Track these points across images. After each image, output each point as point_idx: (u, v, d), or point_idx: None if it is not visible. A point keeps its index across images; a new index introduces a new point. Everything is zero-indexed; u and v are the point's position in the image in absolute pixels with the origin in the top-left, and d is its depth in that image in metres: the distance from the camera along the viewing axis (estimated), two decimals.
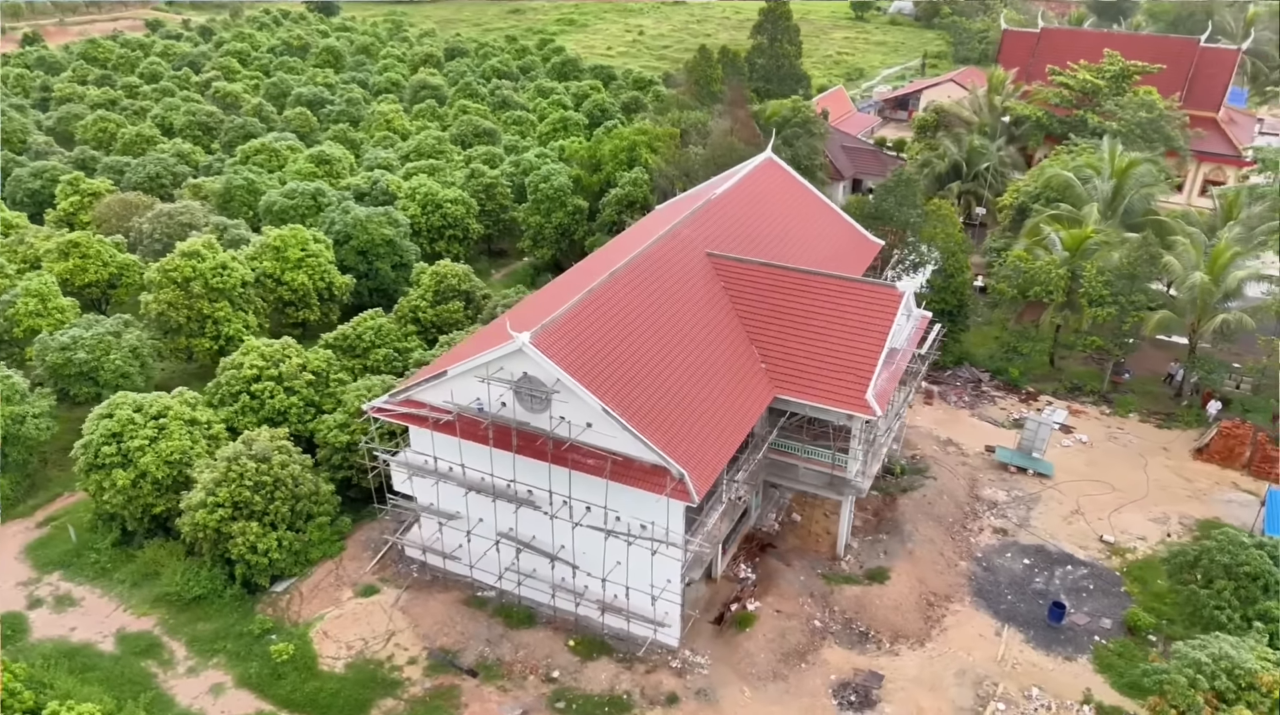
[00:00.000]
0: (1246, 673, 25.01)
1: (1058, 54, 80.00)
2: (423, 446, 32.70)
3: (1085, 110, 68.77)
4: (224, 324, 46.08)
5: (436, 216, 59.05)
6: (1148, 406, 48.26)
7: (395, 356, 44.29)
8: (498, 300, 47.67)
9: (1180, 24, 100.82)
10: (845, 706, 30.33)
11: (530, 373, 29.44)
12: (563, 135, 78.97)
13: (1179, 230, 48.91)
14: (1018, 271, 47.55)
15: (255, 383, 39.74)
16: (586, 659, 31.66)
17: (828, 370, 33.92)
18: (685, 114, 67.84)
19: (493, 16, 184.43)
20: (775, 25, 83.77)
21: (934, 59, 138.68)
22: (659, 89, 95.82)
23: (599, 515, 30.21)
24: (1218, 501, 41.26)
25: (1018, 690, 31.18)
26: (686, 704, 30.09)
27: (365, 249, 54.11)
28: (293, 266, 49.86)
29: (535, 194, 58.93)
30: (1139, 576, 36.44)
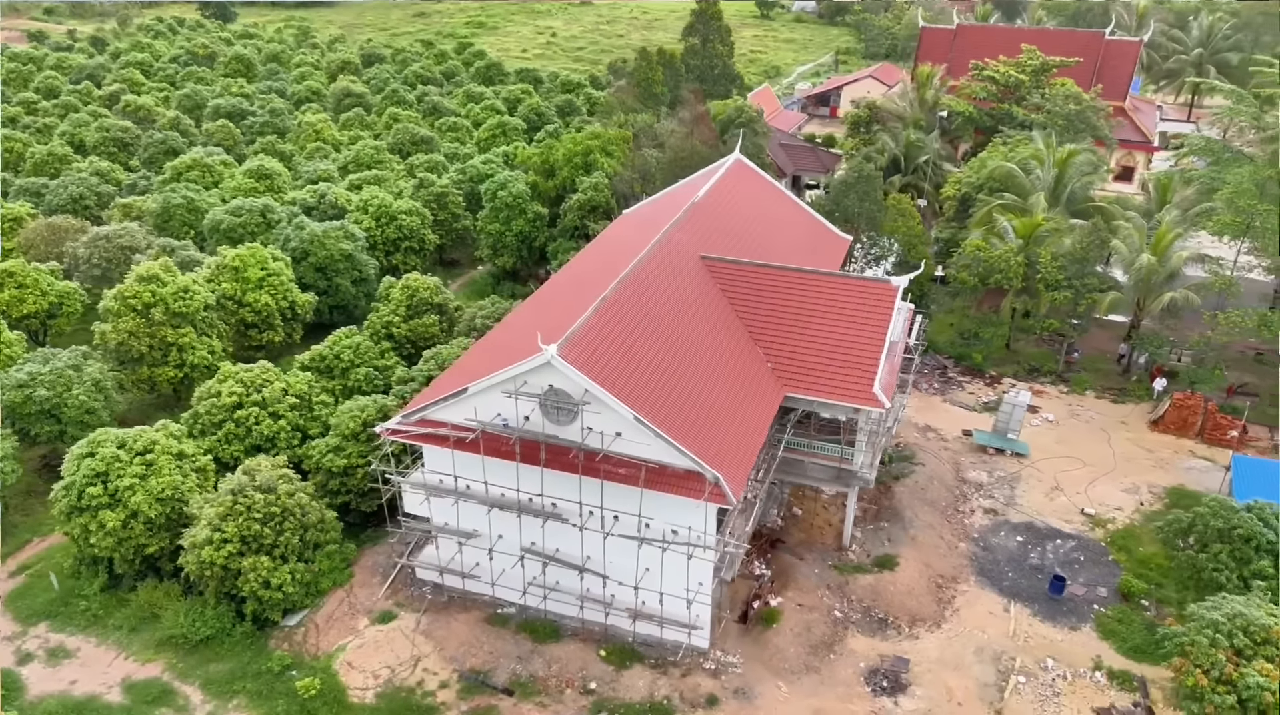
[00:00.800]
0: (1261, 629, 26.84)
1: (974, 49, 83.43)
2: (440, 466, 32.07)
3: (1010, 103, 71.91)
4: (189, 351, 44.12)
5: (392, 228, 57.78)
6: (1101, 383, 50.91)
7: (376, 375, 43.24)
8: (474, 312, 47.00)
9: (1080, 18, 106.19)
10: (879, 692, 31.18)
11: (556, 386, 29.25)
12: (502, 141, 78.23)
13: (1120, 215, 51.75)
14: (977, 261, 49.48)
15: (238, 410, 38.25)
16: (620, 668, 31.66)
17: (833, 366, 34.73)
18: (632, 117, 68.12)
19: (398, 21, 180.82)
20: (707, 26, 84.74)
21: (844, 55, 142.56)
22: (590, 92, 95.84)
23: (630, 523, 30.25)
24: (1180, 469, 43.90)
25: (1033, 662, 32.61)
26: (727, 704, 30.42)
27: (324, 265, 52.60)
28: (254, 287, 48.10)
29: (493, 202, 58.26)
30: (1123, 545, 38.53)
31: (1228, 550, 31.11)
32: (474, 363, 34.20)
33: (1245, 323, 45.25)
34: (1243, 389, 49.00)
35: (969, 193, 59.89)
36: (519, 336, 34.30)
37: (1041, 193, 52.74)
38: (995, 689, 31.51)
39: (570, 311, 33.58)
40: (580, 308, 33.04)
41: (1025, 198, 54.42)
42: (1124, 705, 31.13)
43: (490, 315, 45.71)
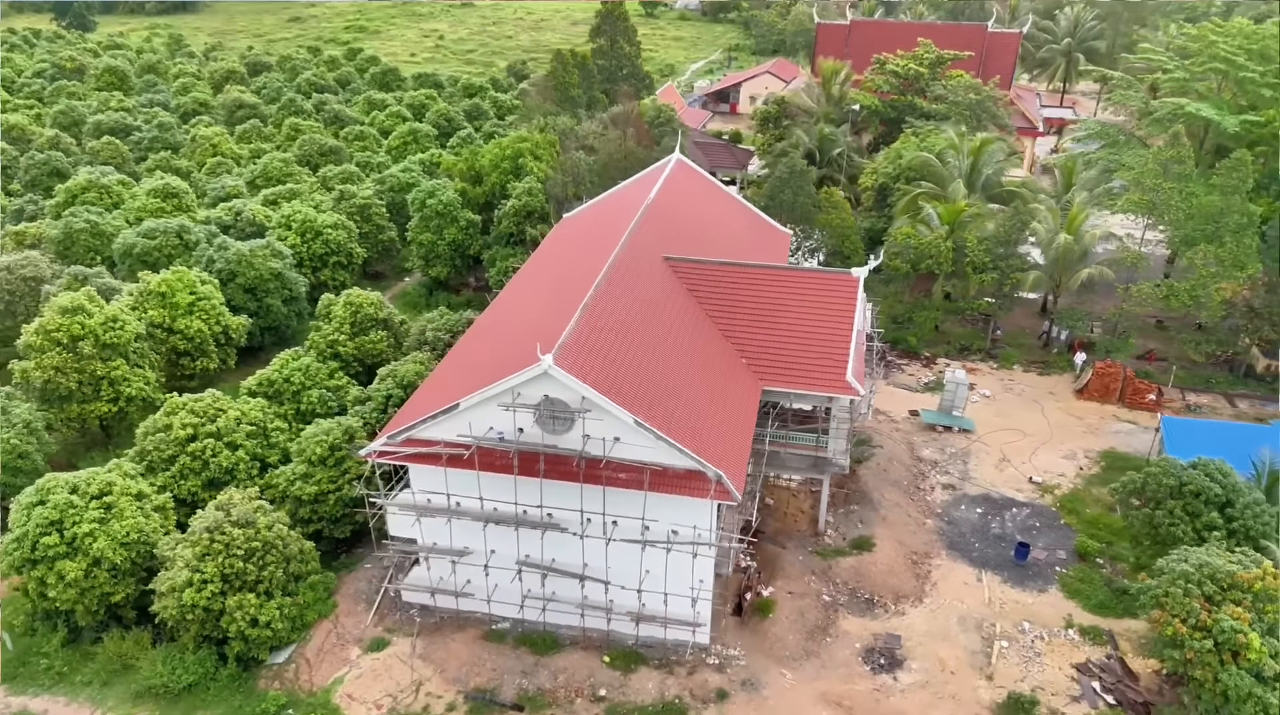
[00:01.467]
0: (1226, 576, 29.07)
1: (868, 44, 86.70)
2: (430, 485, 31.37)
3: (911, 95, 75.01)
4: (122, 384, 41.61)
5: (318, 244, 55.87)
6: (1026, 358, 53.86)
7: (329, 397, 41.88)
8: (423, 325, 45.97)
9: (958, 13, 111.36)
10: (878, 670, 32.28)
11: (552, 395, 29.06)
12: (415, 148, 76.59)
13: (1032, 199, 54.77)
14: (909, 248, 51.51)
15: (191, 443, 36.41)
16: (627, 672, 31.74)
17: (805, 358, 35.67)
18: (552, 120, 67.82)
19: (271, 26, 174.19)
20: (614, 26, 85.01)
21: (734, 52, 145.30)
22: (495, 95, 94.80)
23: (632, 527, 30.35)
24: (1108, 433, 46.93)
25: (1012, 626, 34.36)
26: (737, 697, 30.92)
27: (253, 286, 50.47)
28: (184, 312, 45.75)
29: (422, 211, 57.04)
30: (1072, 509, 40.99)
31: (1180, 506, 33.49)
32: (451, 378, 33.59)
33: (1155, 294, 48.65)
34: (1148, 355, 52.70)
35: (886, 183, 62.23)
36: (496, 348, 33.96)
37: (960, 180, 55.26)
38: (982, 655, 33.07)
39: (546, 320, 33.42)
40: (555, 315, 32.95)
41: (943, 185, 56.93)
42: (1098, 658, 33.20)
43: (442, 328, 44.84)
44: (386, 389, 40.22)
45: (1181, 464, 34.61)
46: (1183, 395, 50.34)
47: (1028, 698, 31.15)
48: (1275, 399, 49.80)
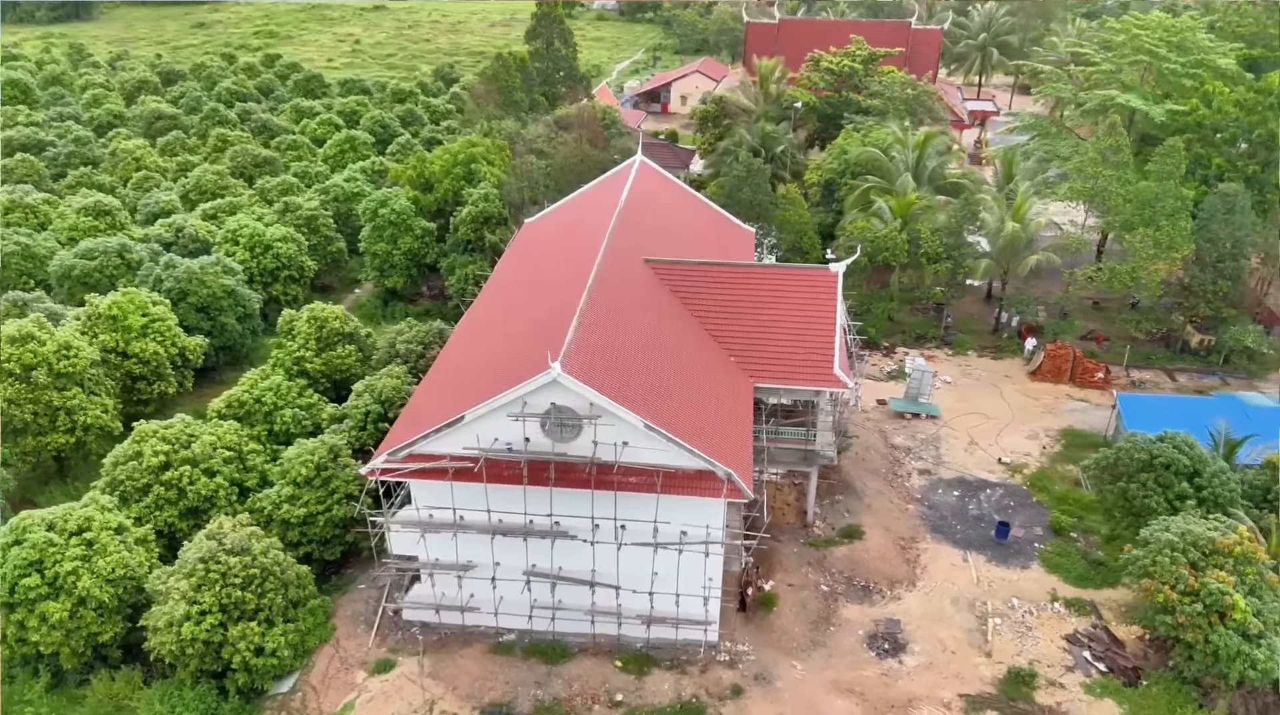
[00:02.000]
0: (1207, 542, 30.75)
1: (797, 42, 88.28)
2: (435, 500, 30.82)
3: (846, 92, 76.70)
4: (79, 414, 39.66)
5: (268, 258, 54.18)
6: (979, 343, 55.73)
7: (303, 416, 40.74)
8: (392, 337, 45.08)
9: (878, 10, 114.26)
10: (883, 655, 33.08)
11: (559, 403, 28.92)
12: (352, 157, 74.87)
13: (976, 190, 56.70)
14: (865, 240, 52.74)
15: (165, 471, 35.01)
16: (640, 675, 31.79)
17: (792, 353, 36.28)
18: (497, 124, 67.19)
19: (175, 33, 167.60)
20: (551, 28, 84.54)
21: (658, 52, 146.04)
22: (428, 101, 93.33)
23: (642, 531, 30.41)
24: (1064, 412, 48.96)
25: (1002, 604, 35.62)
26: (751, 692, 31.29)
27: (206, 305, 48.69)
28: (138, 335, 43.85)
29: (374, 220, 55.83)
30: (1041, 487, 42.66)
31: (1152, 478, 35.22)
32: (447, 390, 33.06)
33: (1100, 277, 50.96)
34: (1091, 335, 55.16)
35: (833, 178, 63.54)
36: (492, 357, 33.56)
37: (908, 174, 56.84)
38: (979, 633, 34.19)
39: (539, 327, 33.24)
40: (549, 322, 32.81)
41: (891, 179, 58.44)
42: (1085, 628, 34.67)
43: (413, 340, 44.05)
44: (365, 405, 39.33)
45: (1150, 438, 36.39)
46: (1127, 372, 52.81)
47: (1026, 671, 32.34)
48: (1212, 371, 52.69)
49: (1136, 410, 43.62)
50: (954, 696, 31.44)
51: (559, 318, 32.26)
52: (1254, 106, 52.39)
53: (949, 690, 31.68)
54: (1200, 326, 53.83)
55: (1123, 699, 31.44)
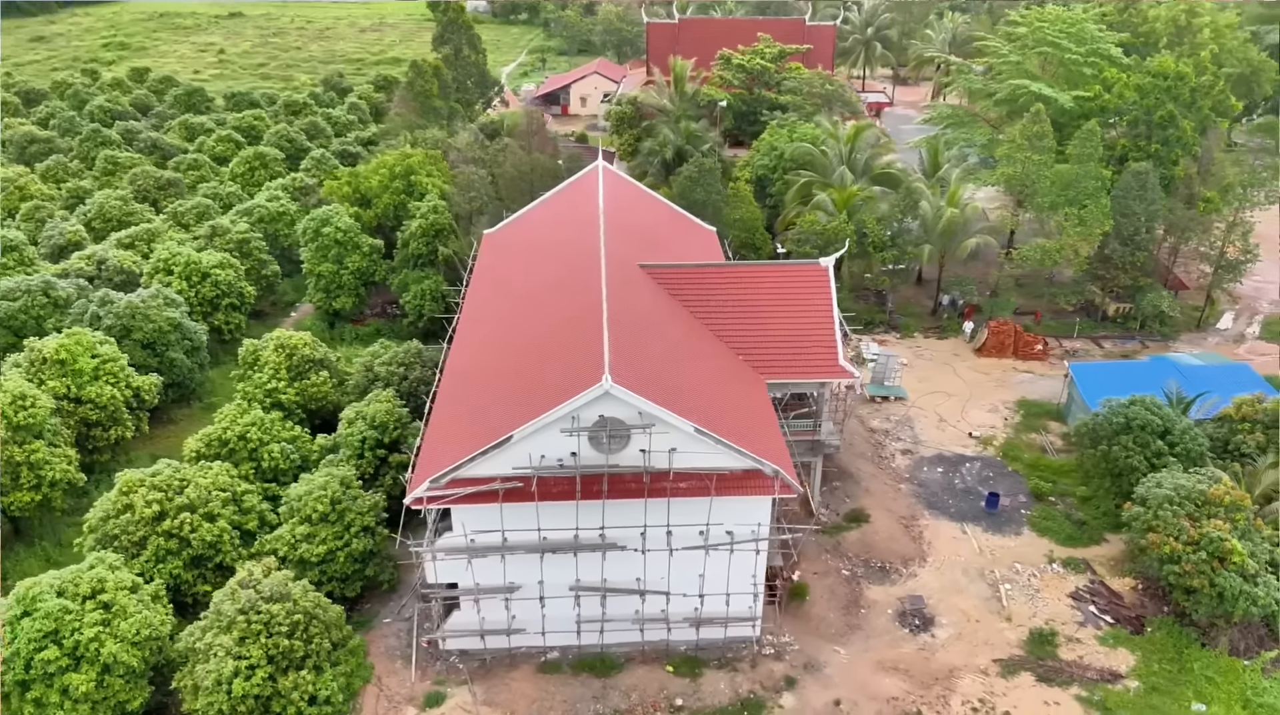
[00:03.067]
0: (1200, 494, 33.55)
1: (698, 42, 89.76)
2: (482, 523, 30.10)
3: (759, 89, 78.65)
4: (43, 468, 36.53)
5: (207, 287, 51.15)
6: (922, 326, 58.45)
7: (290, 450, 38.88)
8: (368, 361, 43.48)
9: (764, 8, 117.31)
10: (915, 631, 34.49)
11: (608, 414, 28.80)
12: (262, 174, 71.39)
13: (907, 179, 59.35)
14: (815, 233, 54.43)
15: (162, 521, 32.80)
16: (694, 678, 32.04)
17: (796, 348, 37.22)
18: (421, 134, 65.54)
19: (12, 48, 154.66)
20: (460, 34, 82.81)
21: (543, 54, 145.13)
22: (327, 112, 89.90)
23: (687, 535, 30.64)
24: (1015, 384, 52.03)
25: (1008, 570, 37.71)
26: (804, 681, 32.07)
27: (152, 340, 45.61)
28: (89, 379, 40.72)
29: (316, 240, 53.57)
30: (1013, 456, 45.26)
31: (1131, 439, 38.07)
32: (473, 411, 32.24)
33: (1033, 255, 54.34)
34: (1027, 311, 58.79)
35: (765, 174, 65.10)
36: (520, 374, 32.89)
37: (845, 167, 58.93)
38: (995, 600, 36.11)
39: (561, 340, 32.95)
40: (569, 334, 32.65)
41: (826, 173, 60.45)
42: (1084, 585, 37.13)
43: (392, 362, 42.66)
44: (359, 432, 37.92)
45: (1123, 402, 39.27)
46: (1059, 343, 56.55)
47: (1046, 631, 34.43)
48: (1131, 336, 57.05)
49: (1089, 378, 46.79)
50: (989, 662, 33.15)
51: (583, 329, 32.08)
52: (1151, 90, 56.96)
53: (983, 657, 33.37)
54: (1116, 296, 58.14)
55: (1134, 646, 33.90)
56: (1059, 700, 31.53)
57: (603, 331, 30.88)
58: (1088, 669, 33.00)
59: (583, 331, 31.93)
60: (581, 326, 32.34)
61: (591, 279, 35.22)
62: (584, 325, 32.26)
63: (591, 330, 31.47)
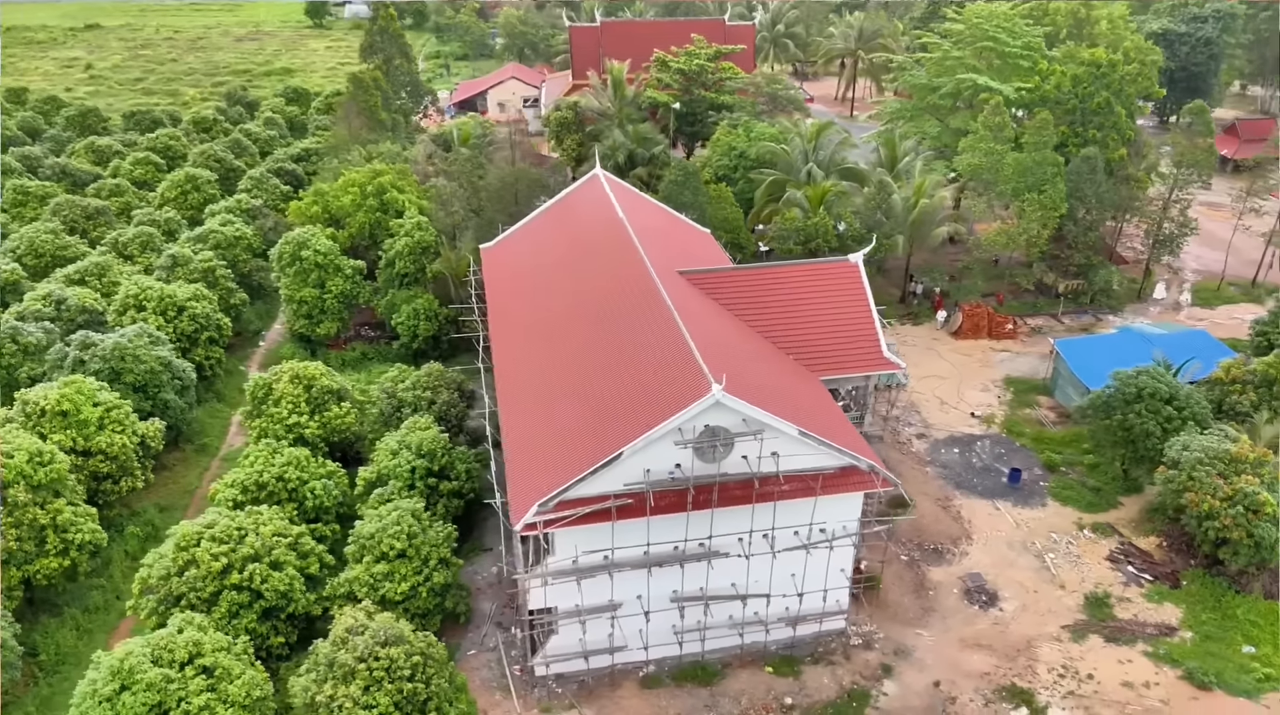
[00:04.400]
0: (1224, 453, 36.35)
1: (621, 44, 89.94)
2: (590, 544, 29.64)
3: (697, 90, 79.54)
4: (70, 531, 33.65)
5: (184, 320, 48.03)
6: (896, 313, 60.69)
7: (331, 486, 37.20)
8: (390, 388, 41.92)
9: (676, 8, 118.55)
10: (984, 606, 36.03)
11: (712, 423, 28.91)
12: (195, 197, 67.38)
13: (870, 173, 61.45)
14: (797, 230, 55.73)
15: (230, 574, 30.87)
16: (795, 676, 32.55)
17: (840, 344, 38.27)
18: (373, 148, 63.40)
19: None
20: (391, 44, 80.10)
21: (442, 59, 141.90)
22: (246, 128, 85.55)
23: (784, 536, 31.09)
24: (997, 363, 54.78)
25: (1046, 541, 39.84)
26: (899, 666, 33.07)
27: (144, 383, 42.57)
28: (95, 429, 37.72)
29: (294, 265, 51.09)
30: (1017, 432, 47.71)
31: (1144, 407, 40.78)
32: (560, 431, 31.59)
33: (999, 240, 57.31)
34: (997, 295, 61.89)
35: (725, 173, 66.04)
36: (604, 390, 32.32)
37: (813, 163, 60.53)
38: (1044, 570, 38.10)
39: (643, 352, 32.68)
40: (648, 347, 32.48)
41: (791, 170, 61.94)
42: (1115, 547, 39.62)
43: (418, 386, 41.34)
44: (407, 462, 36.59)
45: (1132, 373, 41.99)
46: (1024, 322, 59.84)
47: (1099, 594, 36.62)
48: (1084, 311, 60.90)
49: (1076, 352, 49.80)
50: (1058, 629, 34.99)
51: (660, 339, 32.06)
52: (1086, 79, 60.91)
53: (1051, 625, 35.18)
54: (1068, 273, 61.91)
55: (1178, 600, 36.46)
56: (1130, 658, 33.60)
57: (686, 341, 30.96)
58: (1145, 625, 35.30)
59: (660, 342, 31.87)
60: (657, 337, 32.25)
61: (645, 288, 35.21)
62: (659, 336, 32.19)
63: (672, 341, 31.48)
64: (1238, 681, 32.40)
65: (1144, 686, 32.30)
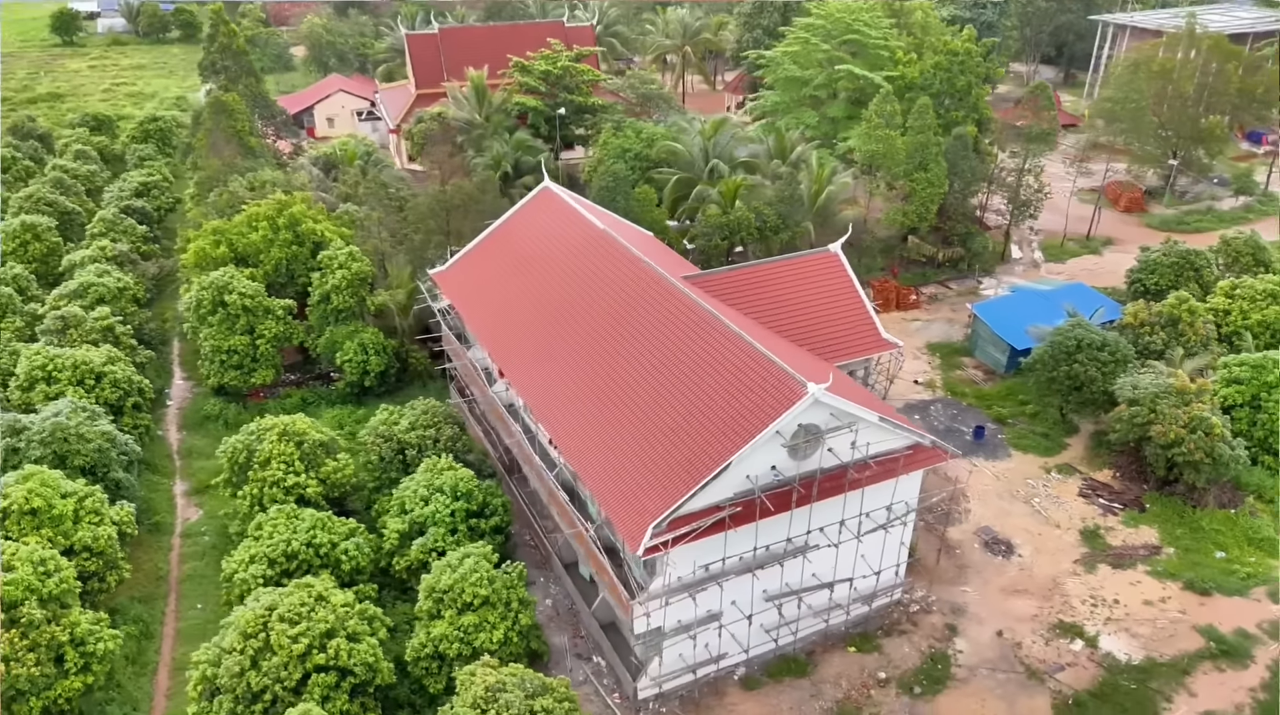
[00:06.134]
0: (1170, 386, 41.48)
1: (463, 52, 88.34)
2: (706, 555, 29.59)
3: (562, 94, 79.25)
4: (91, 643, 29.26)
5: (105, 388, 42.52)
6: None
7: (362, 544, 34.68)
8: (386, 431, 39.33)
9: (495, 13, 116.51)
10: (1005, 556, 39.20)
11: (804, 422, 29.74)
12: (36, 246, 59.25)
13: (764, 166, 64.07)
14: (721, 227, 57.31)
15: (313, 654, 28.25)
16: (878, 650, 34.13)
17: (842, 330, 40.16)
18: (253, 177, 58.56)
19: None
20: (237, 62, 73.33)
21: None
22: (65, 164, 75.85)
23: (863, 519, 32.56)
24: (915, 332, 59.03)
25: (1026, 488, 43.80)
26: (961, 623, 35.47)
27: (92, 464, 37.52)
28: (71, 524, 32.89)
29: (218, 312, 46.48)
30: (958, 393, 51.89)
31: (1084, 355, 45.62)
32: (640, 452, 31.11)
33: (896, 218, 61.69)
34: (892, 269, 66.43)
35: (619, 175, 66.43)
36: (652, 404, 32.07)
37: (716, 159, 62.28)
38: (1037, 515, 41.94)
39: (661, 365, 32.87)
40: (690, 355, 32.77)
41: (691, 168, 63.47)
42: (1080, 485, 44.21)
43: (417, 426, 39.19)
44: (445, 506, 34.75)
45: (1065, 327, 46.83)
46: (919, 292, 64.79)
47: (1090, 528, 40.87)
48: (962, 276, 66.67)
49: (993, 313, 54.69)
50: (1071, 565, 38.76)
51: (720, 348, 32.36)
52: (947, 66, 66.60)
53: (1065, 562, 38.91)
54: (947, 243, 67.55)
55: (1149, 522, 41.35)
56: (1138, 580, 37.86)
57: (754, 347, 31.51)
58: (1136, 549, 39.83)
59: (723, 350, 32.15)
60: (716, 346, 32.51)
61: (669, 296, 35.38)
62: (718, 344, 32.48)
63: (736, 347, 31.89)
64: (1227, 583, 37.39)
65: (1161, 602, 36.57)
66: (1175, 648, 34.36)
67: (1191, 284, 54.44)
